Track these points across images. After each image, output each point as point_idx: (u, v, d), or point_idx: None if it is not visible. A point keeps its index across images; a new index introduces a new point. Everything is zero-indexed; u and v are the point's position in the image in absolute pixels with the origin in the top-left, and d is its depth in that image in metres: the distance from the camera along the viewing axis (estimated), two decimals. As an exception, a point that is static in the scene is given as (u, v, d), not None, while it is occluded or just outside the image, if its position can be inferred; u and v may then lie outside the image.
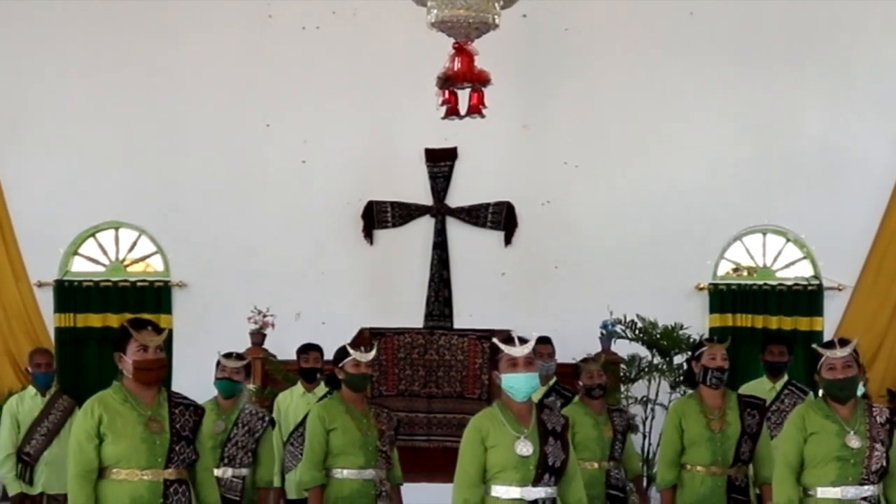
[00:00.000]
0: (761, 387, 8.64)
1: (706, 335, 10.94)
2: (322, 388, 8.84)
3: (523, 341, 5.92)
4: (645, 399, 10.45)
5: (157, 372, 5.77)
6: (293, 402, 9.22)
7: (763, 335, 10.60)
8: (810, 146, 12.11)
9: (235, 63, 12.14)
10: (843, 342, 6.16)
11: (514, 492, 5.81)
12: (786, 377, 8.83)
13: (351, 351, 7.24)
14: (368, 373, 7.28)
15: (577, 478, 6.06)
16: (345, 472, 7.09)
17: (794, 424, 6.16)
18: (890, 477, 6.04)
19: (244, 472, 7.61)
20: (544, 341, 9.04)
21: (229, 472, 7.52)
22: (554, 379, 8.95)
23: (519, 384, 5.90)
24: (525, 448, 5.81)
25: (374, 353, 7.36)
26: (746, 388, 8.54)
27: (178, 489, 5.68)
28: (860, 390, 6.81)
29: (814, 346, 6.29)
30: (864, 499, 5.95)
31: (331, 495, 7.10)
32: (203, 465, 5.91)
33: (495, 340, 6.06)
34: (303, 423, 8.36)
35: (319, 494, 7.12)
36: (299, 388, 9.23)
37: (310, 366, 9.19)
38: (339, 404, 7.21)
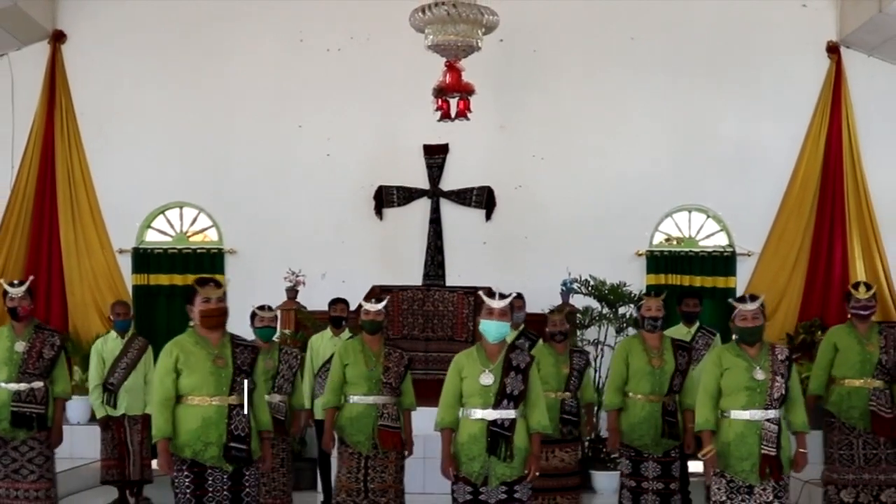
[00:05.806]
0: (679, 332, 8.72)
1: (644, 290, 11.18)
2: (347, 333, 9.11)
3: (503, 297, 6.07)
4: (596, 341, 10.55)
5: (218, 318, 5.80)
6: (323, 344, 9.19)
7: (679, 291, 10.60)
8: (726, 142, 12.34)
9: (274, 77, 12.37)
10: (753, 298, 6.24)
11: (478, 413, 6.00)
12: (698, 323, 8.99)
13: (363, 303, 7.49)
14: (377, 319, 7.39)
15: (539, 405, 6.14)
16: (353, 397, 7.28)
17: (712, 361, 6.26)
18: (790, 402, 6.19)
19: (286, 397, 7.90)
20: (517, 296, 9.10)
21: (277, 397, 7.76)
22: (522, 326, 8.89)
23: (490, 329, 6.07)
24: (487, 379, 5.97)
25: (381, 304, 7.41)
26: (668, 333, 8.66)
27: (239, 412, 5.77)
28: None
29: (730, 300, 6.37)
30: (769, 420, 6.05)
31: (343, 415, 7.32)
32: (259, 393, 6.00)
33: (481, 293, 6.21)
34: (330, 359, 8.40)
35: (332, 414, 7.37)
36: (328, 332, 9.25)
37: (336, 314, 9.18)
38: (357, 344, 7.38)
